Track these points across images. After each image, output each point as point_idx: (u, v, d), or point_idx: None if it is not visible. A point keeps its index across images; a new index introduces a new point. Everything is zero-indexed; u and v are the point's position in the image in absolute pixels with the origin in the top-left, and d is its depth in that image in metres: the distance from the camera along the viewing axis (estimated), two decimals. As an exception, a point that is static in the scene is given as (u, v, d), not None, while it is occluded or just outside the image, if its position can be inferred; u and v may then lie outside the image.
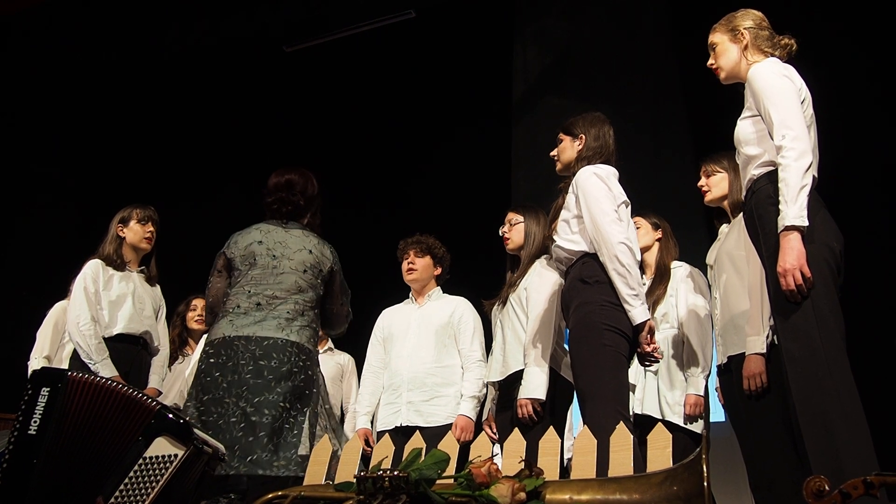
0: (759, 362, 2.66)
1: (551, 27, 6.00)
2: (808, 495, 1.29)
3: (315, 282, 2.82)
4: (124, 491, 1.77)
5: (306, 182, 3.01)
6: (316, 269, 2.82)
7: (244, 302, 2.74)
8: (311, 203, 3.00)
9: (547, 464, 1.61)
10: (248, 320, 2.69)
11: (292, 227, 2.91)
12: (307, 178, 3.03)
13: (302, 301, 2.76)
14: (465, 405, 3.41)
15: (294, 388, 2.62)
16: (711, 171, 3.10)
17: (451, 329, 3.56)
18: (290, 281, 2.76)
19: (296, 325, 2.71)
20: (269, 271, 2.78)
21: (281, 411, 2.56)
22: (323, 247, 2.90)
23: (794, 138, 2.21)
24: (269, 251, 2.82)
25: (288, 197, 2.94)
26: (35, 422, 1.83)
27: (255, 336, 2.65)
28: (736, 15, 2.53)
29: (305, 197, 2.97)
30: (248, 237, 2.87)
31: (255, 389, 2.57)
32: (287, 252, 2.82)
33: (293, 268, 2.78)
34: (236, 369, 2.61)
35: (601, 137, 2.84)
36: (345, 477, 1.75)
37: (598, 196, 2.67)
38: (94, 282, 3.58)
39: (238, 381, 2.59)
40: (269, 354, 2.62)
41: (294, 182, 2.98)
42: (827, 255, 2.19)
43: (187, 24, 6.33)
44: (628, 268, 2.58)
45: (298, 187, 2.97)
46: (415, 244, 3.70)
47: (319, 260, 2.84)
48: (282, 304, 2.72)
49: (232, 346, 2.65)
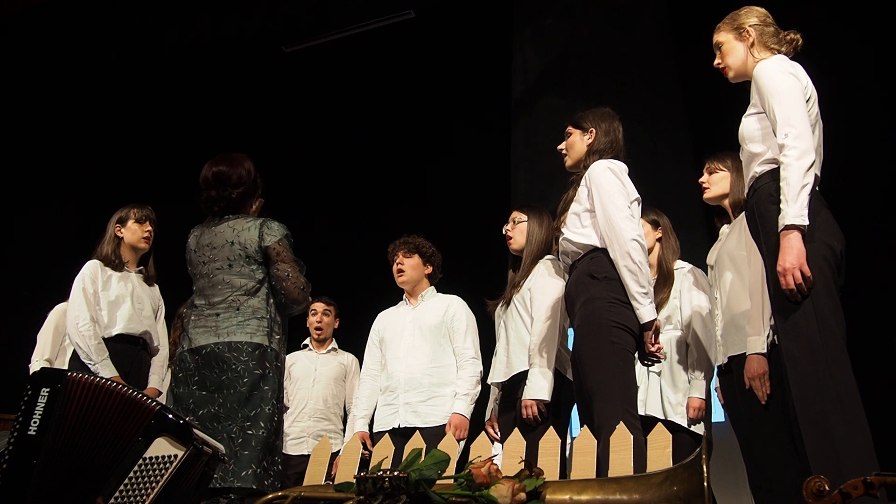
0: (760, 362, 2.65)
1: (550, 27, 5.99)
2: (807, 495, 1.29)
3: (247, 269, 2.69)
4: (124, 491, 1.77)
5: (238, 170, 2.81)
6: (242, 257, 2.69)
7: (192, 314, 2.73)
8: (248, 193, 2.83)
9: (547, 464, 1.61)
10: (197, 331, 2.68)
11: (227, 219, 2.78)
12: (238, 164, 2.83)
13: (239, 296, 2.68)
14: (458, 403, 3.41)
15: (238, 396, 2.56)
16: (714, 169, 3.09)
17: (445, 328, 3.55)
18: (219, 280, 2.71)
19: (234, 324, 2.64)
20: (205, 278, 2.75)
21: (223, 422, 2.54)
22: (251, 229, 2.71)
23: (796, 137, 2.20)
24: (199, 258, 2.78)
25: (219, 194, 2.80)
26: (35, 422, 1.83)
27: (197, 346, 2.64)
28: (740, 13, 2.52)
29: (240, 187, 2.80)
30: (193, 240, 2.84)
31: (199, 401, 2.57)
32: (213, 254, 2.74)
33: (220, 267, 2.72)
34: (186, 380, 2.62)
35: (612, 132, 2.82)
36: (344, 477, 1.75)
37: (612, 191, 2.65)
38: (92, 282, 3.58)
39: (187, 393, 2.60)
40: (210, 364, 2.60)
41: (224, 174, 2.80)
42: (827, 254, 2.19)
43: (187, 24, 6.32)
44: (640, 265, 2.56)
45: (232, 180, 2.79)
46: (402, 245, 3.70)
47: (244, 245, 2.69)
48: (224, 308, 2.67)
49: (183, 358, 2.65)
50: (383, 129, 6.21)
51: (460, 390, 3.44)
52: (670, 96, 5.38)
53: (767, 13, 2.50)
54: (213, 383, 2.58)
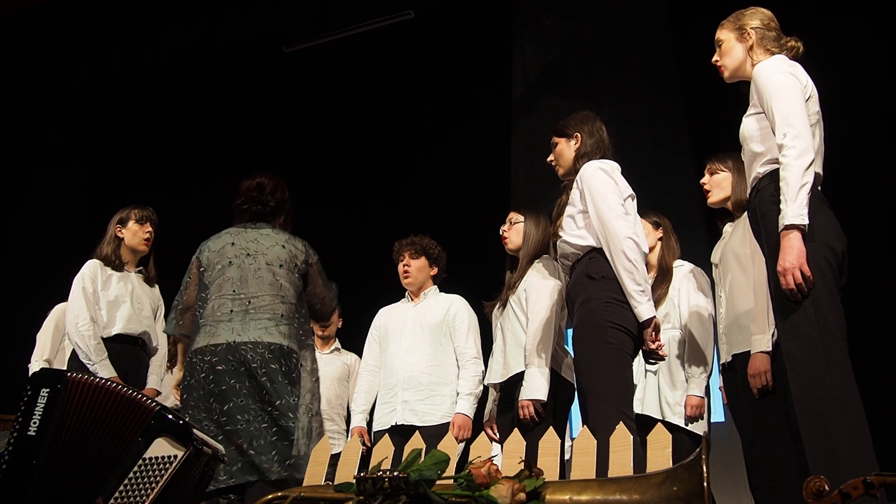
0: (764, 361, 2.66)
1: (550, 27, 5.99)
2: (807, 495, 1.29)
3: (292, 276, 2.81)
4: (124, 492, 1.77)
5: (276, 186, 3.01)
6: (291, 264, 2.82)
7: (224, 306, 2.72)
8: (280, 207, 3.00)
9: (547, 464, 1.61)
10: (232, 325, 2.68)
11: (262, 227, 2.91)
12: (277, 182, 3.03)
13: (281, 298, 2.75)
14: (462, 403, 3.40)
15: (277, 391, 2.61)
16: (715, 170, 3.10)
17: (446, 327, 3.55)
18: (268, 278, 2.76)
19: (279, 326, 2.70)
20: (247, 270, 2.77)
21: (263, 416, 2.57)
22: (295, 241, 2.90)
23: (795, 136, 2.20)
24: (243, 250, 2.81)
25: (258, 197, 2.95)
26: (34, 423, 1.83)
27: (238, 342, 2.65)
28: (745, 13, 2.52)
29: (275, 199, 2.97)
30: (219, 241, 2.87)
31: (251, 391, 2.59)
32: (261, 248, 2.81)
33: (269, 262, 2.78)
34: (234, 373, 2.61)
35: (596, 133, 2.83)
36: (344, 477, 1.75)
37: (604, 191, 2.66)
38: (92, 282, 3.58)
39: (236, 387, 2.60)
40: (254, 359, 2.62)
41: (264, 185, 2.99)
42: (828, 254, 2.19)
43: (186, 24, 6.32)
44: (635, 263, 2.56)
45: (268, 189, 2.98)
46: (409, 245, 3.69)
47: (293, 254, 2.84)
48: (263, 305, 2.72)
49: (238, 350, 2.64)
50: (383, 128, 6.21)
51: (463, 390, 3.44)
52: (670, 96, 5.38)
53: (773, 17, 2.50)
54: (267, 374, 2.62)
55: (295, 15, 6.22)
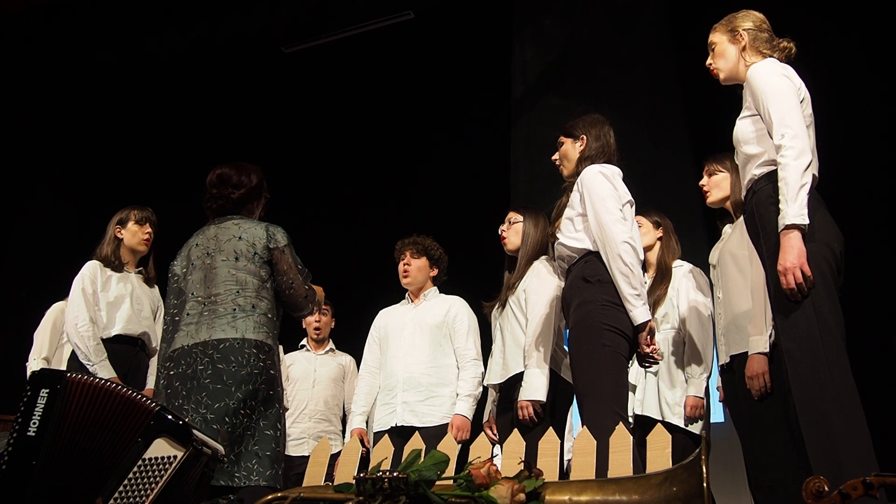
0: (761, 362, 2.66)
1: (550, 27, 6.00)
2: (807, 496, 1.29)
3: (252, 267, 2.66)
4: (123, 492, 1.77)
5: (240, 174, 2.84)
6: (250, 253, 2.67)
7: (193, 308, 2.66)
8: (249, 195, 2.84)
9: (546, 465, 1.61)
10: (200, 326, 2.61)
11: (225, 221, 2.77)
12: (242, 170, 2.86)
13: (244, 292, 2.63)
14: (461, 405, 3.40)
15: (255, 391, 2.52)
16: (714, 171, 3.10)
17: (446, 328, 3.54)
18: (223, 274, 2.65)
19: (247, 320, 2.59)
20: (207, 270, 2.69)
21: (242, 418, 2.48)
22: (257, 229, 2.72)
23: (793, 137, 2.21)
24: (204, 250, 2.73)
25: (220, 192, 2.81)
26: (34, 423, 1.83)
27: (211, 340, 2.56)
28: (737, 16, 2.53)
29: (241, 189, 2.82)
30: (186, 247, 2.81)
31: (215, 396, 2.48)
32: (219, 245, 2.70)
33: (225, 258, 2.67)
34: (195, 376, 2.53)
35: (602, 137, 2.84)
36: (344, 478, 1.75)
37: (604, 195, 2.67)
38: (91, 283, 3.58)
39: (198, 388, 2.51)
40: (227, 358, 2.52)
41: (226, 176, 2.84)
42: (827, 254, 2.19)
43: (186, 25, 6.32)
44: (631, 267, 2.57)
45: (233, 180, 2.82)
46: (411, 245, 3.68)
47: (252, 243, 2.68)
48: (225, 301, 2.62)
49: (190, 354, 2.57)
50: (383, 128, 6.21)
51: (462, 391, 3.43)
52: (670, 96, 5.39)
53: (764, 19, 2.51)
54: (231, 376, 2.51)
55: (295, 15, 6.22)
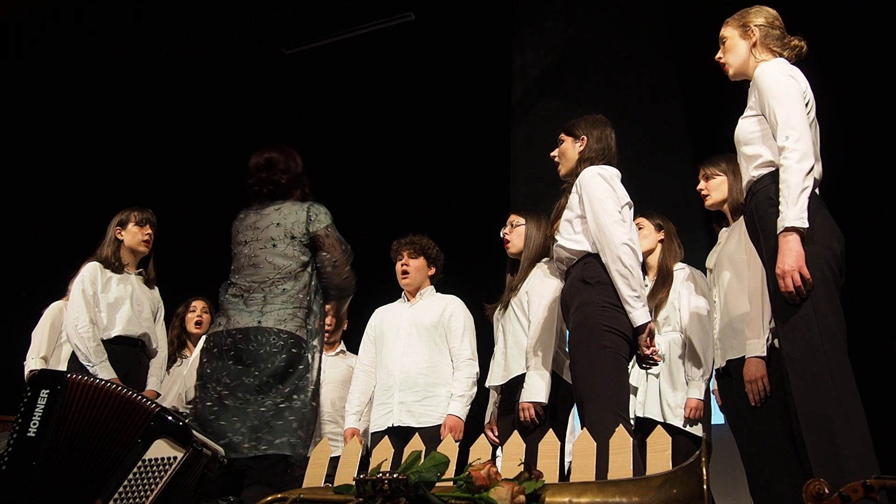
0: (759, 366, 2.65)
1: (550, 29, 6.00)
2: (807, 498, 1.29)
3: (291, 251, 2.70)
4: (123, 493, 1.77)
5: (288, 159, 2.85)
6: (287, 237, 2.70)
7: (232, 294, 2.74)
8: (295, 181, 2.85)
9: (546, 466, 1.61)
10: (233, 312, 2.69)
11: (267, 207, 2.79)
12: (289, 154, 2.87)
13: (280, 278, 2.67)
14: (454, 405, 3.38)
15: (274, 371, 2.58)
16: (710, 175, 3.09)
17: (442, 328, 3.53)
18: (261, 260, 2.71)
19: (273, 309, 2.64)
20: (245, 259, 2.75)
21: (255, 395, 2.56)
22: (299, 212, 2.74)
23: (797, 139, 2.21)
24: (242, 238, 2.79)
25: (269, 177, 2.82)
26: (34, 424, 1.83)
27: (238, 327, 2.64)
28: (750, 11, 2.53)
29: (289, 175, 2.83)
30: (236, 224, 2.87)
31: (233, 374, 2.59)
32: (256, 234, 2.75)
33: (263, 247, 2.72)
34: (220, 356, 2.63)
35: (603, 139, 2.83)
36: (344, 479, 1.75)
37: (602, 197, 2.66)
38: (92, 284, 3.58)
39: (220, 367, 2.62)
40: (248, 338, 2.60)
41: (275, 160, 2.84)
42: (828, 256, 2.19)
43: (186, 26, 6.33)
44: (631, 269, 2.57)
45: (280, 165, 2.83)
46: (408, 245, 3.67)
47: (290, 227, 2.71)
48: (257, 291, 2.68)
49: (220, 336, 2.67)
50: (383, 130, 6.21)
51: (456, 391, 3.42)
52: (669, 99, 5.39)
53: (777, 16, 2.51)
54: (250, 357, 2.60)
55: (295, 17, 6.22)
